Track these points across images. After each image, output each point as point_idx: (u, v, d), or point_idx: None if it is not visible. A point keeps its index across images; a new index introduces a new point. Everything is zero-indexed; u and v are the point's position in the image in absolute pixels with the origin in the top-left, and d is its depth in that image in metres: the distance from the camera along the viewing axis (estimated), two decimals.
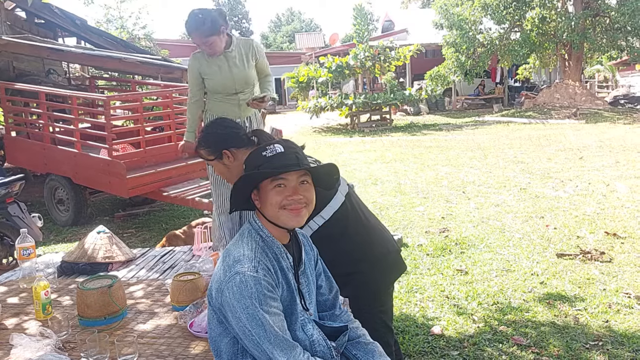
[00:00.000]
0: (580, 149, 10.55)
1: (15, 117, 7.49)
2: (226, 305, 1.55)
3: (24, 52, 8.14)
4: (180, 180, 6.53)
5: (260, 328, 1.50)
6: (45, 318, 2.37)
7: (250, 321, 1.51)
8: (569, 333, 3.36)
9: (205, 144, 2.31)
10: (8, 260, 5.04)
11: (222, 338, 1.65)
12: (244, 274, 1.54)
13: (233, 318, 1.54)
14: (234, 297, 1.53)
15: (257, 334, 1.51)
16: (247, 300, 1.51)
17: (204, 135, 2.38)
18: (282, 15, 63.36)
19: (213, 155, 2.28)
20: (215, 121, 2.52)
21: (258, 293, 1.53)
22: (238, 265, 1.56)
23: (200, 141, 2.36)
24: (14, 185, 5.05)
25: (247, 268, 1.55)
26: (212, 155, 2.28)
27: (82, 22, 11.13)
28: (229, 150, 2.28)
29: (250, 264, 1.57)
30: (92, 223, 6.67)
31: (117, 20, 33.99)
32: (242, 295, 1.52)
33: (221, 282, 1.57)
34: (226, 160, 2.28)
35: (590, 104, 18.38)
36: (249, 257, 1.58)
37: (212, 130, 2.38)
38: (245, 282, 1.53)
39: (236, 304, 1.52)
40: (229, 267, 1.58)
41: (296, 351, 1.54)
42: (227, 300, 1.54)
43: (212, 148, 2.31)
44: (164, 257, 3.38)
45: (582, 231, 5.35)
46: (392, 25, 28.88)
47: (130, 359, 2.01)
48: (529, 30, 19.14)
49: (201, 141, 2.35)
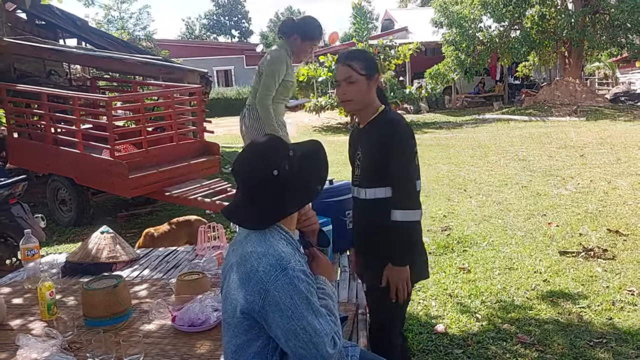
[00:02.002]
0: (581, 146, 10.54)
1: (17, 119, 7.49)
2: (272, 306, 1.48)
3: (25, 54, 8.14)
4: (183, 180, 6.52)
5: (316, 321, 1.48)
6: (51, 318, 2.38)
7: (307, 316, 1.47)
8: (572, 331, 3.36)
9: (364, 59, 2.29)
10: (12, 261, 5.04)
11: (252, 343, 1.57)
12: (294, 269, 1.51)
13: (281, 318, 1.47)
14: (287, 295, 1.47)
15: (313, 328, 1.47)
16: (301, 296, 1.48)
17: (362, 52, 2.40)
18: (281, 15, 63.35)
19: (366, 71, 2.25)
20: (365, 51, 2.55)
21: (309, 286, 1.52)
22: (283, 262, 1.51)
23: (361, 54, 2.35)
24: (17, 186, 5.05)
25: (294, 263, 1.52)
26: (365, 71, 2.25)
27: (83, 23, 11.15)
28: (377, 74, 2.32)
29: (295, 259, 1.54)
30: (94, 223, 6.67)
31: (117, 21, 34.03)
32: (296, 291, 1.48)
33: (264, 283, 1.49)
34: (372, 82, 2.28)
35: (590, 102, 18.36)
36: (289, 253, 1.55)
37: (370, 55, 2.41)
38: (298, 278, 1.50)
39: (289, 301, 1.47)
40: (272, 266, 1.50)
41: (337, 339, 1.55)
42: (276, 300, 1.48)
43: (370, 65, 2.29)
44: (168, 256, 3.39)
45: (584, 229, 5.36)
46: (391, 24, 28.86)
47: (136, 359, 2.01)
48: (528, 27, 19.11)
49: (362, 54, 2.34)
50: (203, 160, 6.91)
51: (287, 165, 1.60)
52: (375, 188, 2.30)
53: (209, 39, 54.80)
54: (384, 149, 2.23)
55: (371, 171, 2.31)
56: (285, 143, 1.66)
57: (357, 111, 2.39)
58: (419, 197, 2.30)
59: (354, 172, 2.42)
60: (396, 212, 2.23)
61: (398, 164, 2.23)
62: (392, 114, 2.34)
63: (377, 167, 2.27)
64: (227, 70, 32.58)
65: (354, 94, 2.27)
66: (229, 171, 10.21)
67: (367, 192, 2.32)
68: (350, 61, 2.27)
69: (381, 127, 2.28)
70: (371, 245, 2.37)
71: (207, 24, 58.80)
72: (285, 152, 1.62)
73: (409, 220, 2.23)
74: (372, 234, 2.34)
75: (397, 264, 2.24)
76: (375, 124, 2.32)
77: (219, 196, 6.12)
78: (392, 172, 2.24)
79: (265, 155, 1.62)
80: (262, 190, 1.61)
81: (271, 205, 1.61)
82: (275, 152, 1.62)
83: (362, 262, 2.47)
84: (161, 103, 7.49)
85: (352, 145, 2.47)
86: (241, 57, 32.73)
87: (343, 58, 2.32)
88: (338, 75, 2.30)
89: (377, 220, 2.29)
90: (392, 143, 2.23)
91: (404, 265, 2.25)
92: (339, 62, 2.32)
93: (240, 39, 57.61)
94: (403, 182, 2.24)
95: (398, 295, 2.25)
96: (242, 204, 1.66)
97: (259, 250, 1.56)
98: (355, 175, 2.40)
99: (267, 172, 1.58)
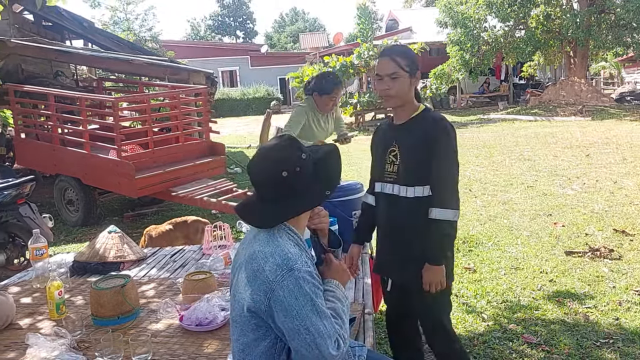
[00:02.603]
0: (586, 146, 10.51)
1: (25, 119, 7.54)
2: (278, 306, 1.50)
3: (32, 55, 8.20)
4: (189, 180, 6.56)
5: (320, 322, 1.49)
6: (59, 318, 2.40)
7: (311, 317, 1.48)
8: (579, 331, 3.36)
9: (409, 56, 2.28)
10: (20, 260, 5.08)
11: (257, 344, 1.59)
12: (299, 270, 1.52)
13: (286, 317, 1.49)
14: (292, 295, 1.49)
15: (316, 329, 1.48)
16: (306, 297, 1.49)
17: (407, 49, 2.38)
18: (286, 16, 63.38)
19: (410, 69, 2.25)
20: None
21: (315, 287, 1.53)
22: (290, 263, 1.52)
23: (406, 50, 2.33)
24: (25, 187, 5.09)
25: (300, 264, 1.53)
26: (409, 69, 2.25)
27: (89, 24, 11.20)
28: (419, 72, 2.32)
29: (301, 259, 1.55)
30: (101, 223, 6.71)
31: (123, 23, 34.15)
32: (301, 292, 1.49)
33: (270, 282, 1.51)
34: (414, 80, 2.29)
35: (596, 101, 18.29)
36: (296, 254, 1.56)
37: (414, 53, 2.39)
38: (303, 279, 1.51)
39: (293, 301, 1.48)
40: (279, 266, 1.52)
41: (340, 342, 1.55)
42: (281, 299, 1.49)
43: (414, 63, 2.28)
44: (174, 256, 3.40)
45: (590, 229, 5.34)
46: (396, 24, 28.85)
47: (145, 358, 2.03)
48: (533, 27, 19.06)
49: (407, 51, 2.33)
50: (209, 161, 6.94)
51: (299, 167, 1.61)
52: (416, 187, 2.28)
53: (214, 39, 54.90)
54: (430, 147, 2.22)
55: (413, 169, 2.28)
56: (299, 146, 1.66)
57: (396, 107, 2.36)
58: (458, 197, 2.31)
59: (384, 169, 2.39)
60: (435, 211, 2.23)
61: (443, 162, 2.24)
62: (435, 113, 2.35)
63: (420, 165, 2.25)
64: (232, 70, 32.63)
65: (397, 90, 2.25)
66: (235, 171, 10.23)
67: (408, 190, 2.30)
68: (396, 56, 2.25)
69: (427, 125, 2.27)
70: (405, 243, 2.35)
71: (212, 24, 58.90)
72: (298, 154, 1.63)
73: (448, 220, 2.24)
74: (408, 232, 2.32)
75: (434, 263, 2.25)
76: (419, 122, 2.30)
77: (224, 196, 6.14)
78: (436, 171, 2.24)
79: (277, 156, 1.63)
80: (270, 190, 1.63)
81: (278, 205, 1.63)
82: (287, 153, 1.63)
83: (390, 260, 2.44)
84: (167, 104, 7.53)
85: (383, 142, 2.43)
86: (246, 57, 32.76)
87: (388, 52, 2.29)
88: (382, 70, 2.27)
89: (414, 218, 2.28)
90: (439, 142, 2.23)
91: (441, 264, 2.25)
92: (384, 56, 2.29)
93: (245, 40, 57.69)
94: (446, 181, 2.26)
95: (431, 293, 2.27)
96: (252, 202, 1.70)
97: (266, 249, 1.58)
98: (388, 172, 2.37)
99: (277, 172, 1.60)
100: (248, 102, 27.26)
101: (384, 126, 2.51)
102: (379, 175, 2.44)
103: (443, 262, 2.26)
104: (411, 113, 2.33)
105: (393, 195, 2.35)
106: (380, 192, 2.43)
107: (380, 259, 2.53)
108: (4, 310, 2.37)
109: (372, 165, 2.55)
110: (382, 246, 2.51)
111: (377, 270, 2.59)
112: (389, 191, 2.37)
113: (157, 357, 2.05)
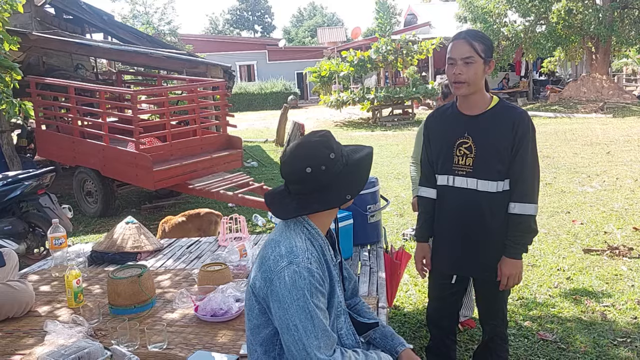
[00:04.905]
0: (607, 143, 10.34)
1: (45, 111, 7.65)
2: (273, 296, 1.52)
3: (53, 48, 8.31)
4: (205, 173, 6.60)
5: (309, 321, 1.47)
6: (77, 306, 2.44)
7: (300, 314, 1.47)
8: (596, 329, 3.32)
9: (486, 41, 2.19)
10: (39, 250, 5.17)
11: (262, 329, 1.61)
12: (298, 264, 1.52)
13: (279, 309, 1.50)
14: (285, 287, 1.49)
15: (304, 327, 1.47)
16: (299, 292, 1.49)
17: (483, 34, 2.28)
18: (304, 10, 63.30)
19: (485, 55, 2.17)
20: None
21: (310, 285, 1.51)
22: (291, 256, 1.53)
23: (483, 35, 2.24)
24: (45, 177, 5.18)
25: (301, 259, 1.53)
26: (484, 54, 2.16)
27: (109, 18, 11.31)
28: (493, 61, 2.23)
29: (304, 255, 1.55)
30: (119, 215, 6.80)
31: (142, 16, 34.41)
32: (294, 286, 1.49)
33: (271, 271, 1.53)
34: (487, 68, 2.20)
35: (617, 98, 17.97)
36: (302, 249, 1.56)
37: (490, 39, 2.30)
38: (300, 273, 1.50)
39: (287, 294, 1.49)
40: (281, 257, 1.54)
41: (337, 353, 1.54)
42: (276, 290, 1.51)
43: (489, 49, 2.20)
44: (190, 247, 3.43)
45: (609, 227, 5.27)
46: (414, 19, 28.62)
47: (160, 346, 2.05)
48: (554, 23, 18.76)
49: (484, 36, 2.24)
50: (226, 154, 6.98)
51: (324, 166, 1.60)
52: (498, 181, 2.21)
53: (232, 34, 55.08)
54: (517, 142, 2.16)
55: (494, 163, 2.20)
56: (330, 145, 1.65)
57: (466, 95, 2.22)
58: (538, 192, 2.25)
59: (452, 161, 2.28)
60: (518, 205, 2.18)
61: (528, 156, 2.17)
62: (515, 105, 2.27)
63: (503, 159, 2.18)
64: (249, 65, 32.69)
65: (470, 75, 2.14)
66: (251, 165, 10.28)
67: (489, 184, 2.22)
68: (473, 40, 2.14)
69: (511, 118, 2.18)
70: (483, 238, 2.28)
71: (230, 19, 59.07)
72: (326, 153, 1.62)
73: (528, 214, 2.19)
74: (486, 226, 2.25)
75: (514, 257, 2.22)
76: (498, 115, 2.21)
77: (240, 190, 6.17)
78: (521, 165, 2.17)
79: (305, 153, 1.63)
80: (294, 184, 1.65)
81: (298, 199, 1.64)
82: (315, 151, 1.63)
83: (464, 255, 2.34)
84: (185, 97, 7.58)
85: (449, 132, 2.30)
86: (264, 52, 32.80)
87: (464, 35, 2.18)
88: (456, 53, 2.15)
89: (494, 212, 2.23)
90: (526, 136, 2.16)
91: (520, 259, 2.23)
92: (458, 38, 2.17)
93: (262, 34, 57.78)
94: (529, 175, 2.18)
95: (508, 286, 2.27)
96: (279, 192, 1.72)
97: (276, 239, 1.61)
98: (460, 165, 2.26)
99: (301, 168, 1.60)
100: (265, 97, 27.31)
101: (445, 115, 2.35)
102: (446, 168, 2.32)
103: (521, 257, 2.24)
104: (485, 104, 2.23)
105: (469, 189, 2.25)
106: (448, 185, 2.32)
107: (451, 254, 2.39)
108: (23, 297, 2.42)
109: (427, 156, 2.43)
110: (452, 241, 2.37)
111: (445, 267, 2.45)
112: (462, 185, 2.27)
113: (172, 346, 2.08)
